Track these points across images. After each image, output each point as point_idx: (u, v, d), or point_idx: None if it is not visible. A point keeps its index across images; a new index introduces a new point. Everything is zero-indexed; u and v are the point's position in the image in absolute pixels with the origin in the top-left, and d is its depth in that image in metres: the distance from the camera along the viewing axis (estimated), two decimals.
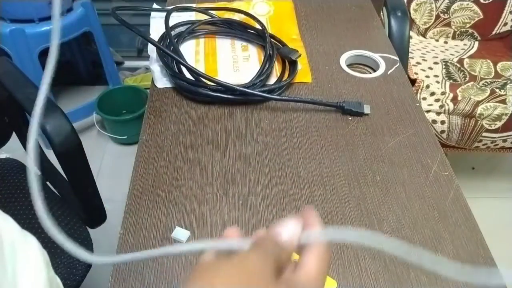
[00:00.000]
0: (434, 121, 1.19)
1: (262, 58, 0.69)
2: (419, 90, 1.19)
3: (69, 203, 0.76)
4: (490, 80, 1.24)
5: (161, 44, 0.69)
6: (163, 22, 0.72)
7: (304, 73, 0.69)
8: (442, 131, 1.21)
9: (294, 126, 0.60)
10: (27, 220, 0.72)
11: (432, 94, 1.18)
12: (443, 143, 1.24)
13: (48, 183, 0.80)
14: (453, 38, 1.45)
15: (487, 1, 1.38)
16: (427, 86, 1.19)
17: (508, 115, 1.16)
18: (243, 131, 0.59)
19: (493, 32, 1.43)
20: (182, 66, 0.65)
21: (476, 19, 1.41)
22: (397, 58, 0.73)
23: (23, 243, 0.35)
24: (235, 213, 0.49)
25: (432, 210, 0.50)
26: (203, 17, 0.78)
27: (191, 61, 0.68)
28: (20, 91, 0.63)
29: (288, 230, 0.29)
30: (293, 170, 0.54)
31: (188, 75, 0.64)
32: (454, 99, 1.17)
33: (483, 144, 1.24)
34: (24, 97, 0.61)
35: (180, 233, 0.46)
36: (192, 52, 0.72)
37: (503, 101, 1.16)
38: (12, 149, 0.84)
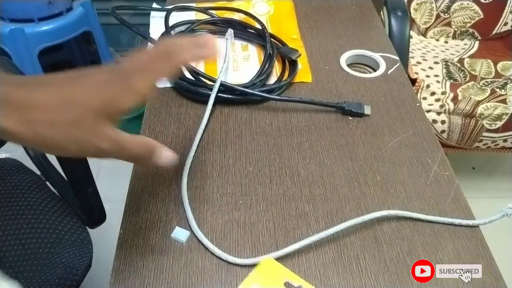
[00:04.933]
0: (435, 121, 1.19)
1: (262, 57, 0.69)
2: (420, 89, 1.19)
3: (69, 203, 0.76)
4: (491, 80, 1.24)
5: None
6: (163, 21, 0.72)
7: (304, 73, 0.69)
8: (443, 131, 1.21)
9: (294, 126, 0.60)
10: (27, 220, 0.72)
11: (433, 93, 1.18)
12: (444, 143, 1.24)
13: (48, 183, 0.80)
14: (454, 37, 1.45)
15: (487, 1, 1.38)
16: (428, 86, 1.19)
17: (509, 115, 1.16)
18: (243, 131, 0.59)
19: (494, 32, 1.43)
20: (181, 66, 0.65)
21: (477, 18, 1.41)
22: (397, 58, 0.72)
23: None
24: (235, 213, 0.49)
25: (433, 210, 0.50)
26: (203, 16, 0.78)
27: None
28: None
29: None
30: (293, 170, 0.54)
31: (188, 74, 0.64)
32: (455, 99, 1.17)
33: (484, 144, 1.24)
34: None
35: (180, 233, 0.46)
36: None
37: (504, 101, 1.16)
38: (12, 149, 0.84)
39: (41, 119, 0.32)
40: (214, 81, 0.61)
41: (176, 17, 0.76)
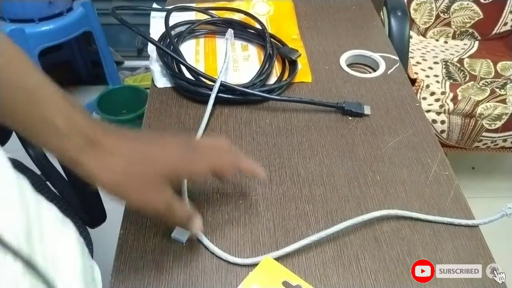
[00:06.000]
0: (434, 121, 1.20)
1: (262, 57, 0.69)
2: (419, 89, 1.19)
3: (69, 203, 0.76)
4: (490, 80, 1.24)
5: (161, 43, 0.69)
6: (163, 21, 0.72)
7: (304, 73, 0.69)
8: (442, 131, 1.21)
9: (294, 126, 0.60)
10: None
11: (432, 94, 1.18)
12: (443, 143, 1.24)
13: (48, 183, 0.80)
14: (453, 38, 1.45)
15: (487, 1, 1.38)
16: (427, 86, 1.19)
17: (508, 115, 1.16)
18: (243, 131, 0.59)
19: (493, 32, 1.43)
20: (182, 66, 0.65)
21: (476, 18, 1.41)
22: (397, 58, 0.73)
23: (62, 228, 0.36)
24: (235, 213, 0.49)
25: (432, 209, 0.50)
26: (203, 16, 0.78)
27: (191, 61, 0.68)
28: None
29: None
30: (293, 170, 0.54)
31: (188, 74, 0.64)
32: (454, 99, 1.17)
33: (483, 144, 1.24)
34: None
35: (180, 233, 0.46)
36: (192, 51, 0.72)
37: (503, 101, 1.16)
38: (12, 149, 0.84)
39: (120, 170, 0.36)
40: (214, 81, 0.61)
41: (176, 17, 0.76)
